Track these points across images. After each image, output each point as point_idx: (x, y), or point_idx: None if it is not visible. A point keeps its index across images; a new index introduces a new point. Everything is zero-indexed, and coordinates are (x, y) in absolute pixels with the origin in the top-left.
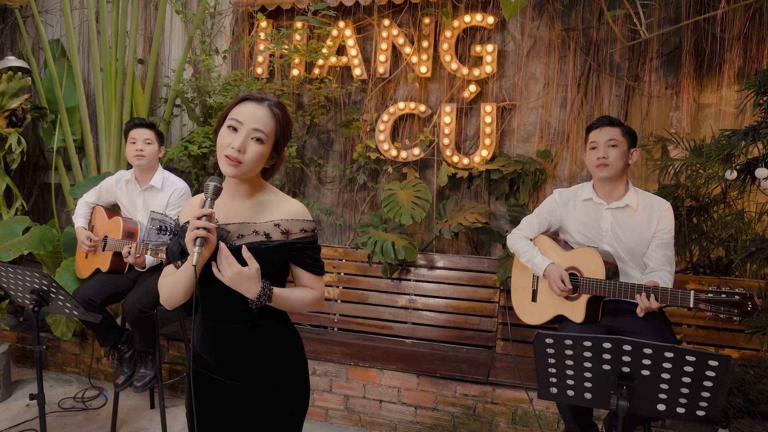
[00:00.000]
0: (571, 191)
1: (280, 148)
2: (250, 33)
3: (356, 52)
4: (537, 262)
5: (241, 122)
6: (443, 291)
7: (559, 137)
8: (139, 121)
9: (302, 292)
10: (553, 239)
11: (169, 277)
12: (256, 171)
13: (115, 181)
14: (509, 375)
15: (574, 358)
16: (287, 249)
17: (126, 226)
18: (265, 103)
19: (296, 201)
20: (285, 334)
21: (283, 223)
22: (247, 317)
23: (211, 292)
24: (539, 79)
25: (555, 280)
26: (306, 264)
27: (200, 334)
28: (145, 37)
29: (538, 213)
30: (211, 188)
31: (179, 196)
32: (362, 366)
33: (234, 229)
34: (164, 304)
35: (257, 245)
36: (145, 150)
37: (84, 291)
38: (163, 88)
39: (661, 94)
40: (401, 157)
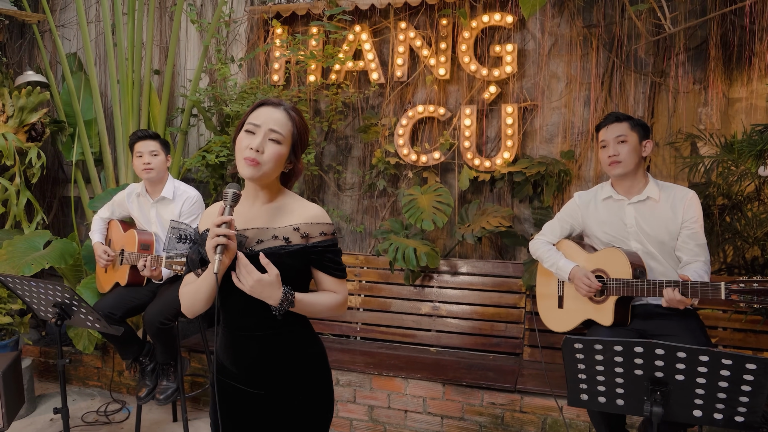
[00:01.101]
0: (590, 192)
1: (298, 153)
2: (266, 40)
3: (373, 56)
4: (561, 265)
5: (258, 125)
6: (467, 297)
7: (583, 137)
8: (143, 133)
9: (325, 296)
10: (577, 243)
11: (190, 286)
12: (275, 173)
13: (126, 195)
14: (538, 382)
15: (604, 363)
16: (307, 253)
17: (141, 238)
18: (281, 107)
19: (315, 205)
20: (308, 341)
21: (303, 227)
22: (270, 324)
23: (232, 299)
24: (561, 77)
25: (581, 279)
26: (327, 267)
27: (223, 342)
28: (161, 48)
29: (560, 217)
30: (230, 195)
31: (192, 204)
32: (386, 375)
33: (253, 235)
34: (185, 313)
35: (277, 250)
36: (152, 162)
37: (104, 304)
38: (180, 98)
39: (688, 90)
40: (421, 162)
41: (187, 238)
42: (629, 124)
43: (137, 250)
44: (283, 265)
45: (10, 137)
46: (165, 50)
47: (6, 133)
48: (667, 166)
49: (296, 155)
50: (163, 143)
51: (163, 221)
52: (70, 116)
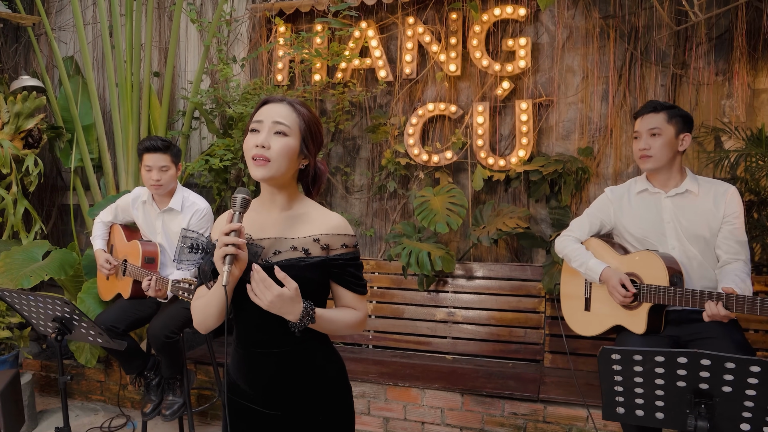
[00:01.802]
0: (623, 187)
1: (310, 146)
2: (268, 39)
3: (380, 53)
4: (591, 266)
5: (261, 121)
6: (484, 302)
7: (601, 133)
8: (151, 144)
9: (345, 312)
10: (606, 242)
11: (201, 300)
12: (288, 171)
13: (132, 200)
14: (561, 391)
15: (644, 374)
16: (328, 266)
17: (145, 251)
18: (284, 101)
19: (336, 214)
20: (328, 357)
21: (323, 238)
22: (287, 341)
23: (245, 314)
24: (577, 71)
25: (615, 285)
26: (347, 282)
27: (236, 360)
28: (160, 49)
29: (590, 213)
30: (238, 201)
31: (200, 217)
32: (402, 386)
33: (269, 245)
34: (198, 329)
35: (296, 262)
36: (162, 179)
37: (106, 318)
38: (181, 100)
39: (711, 81)
40: (433, 162)
41: (198, 248)
42: (667, 115)
43: (141, 264)
44: (302, 278)
45: (6, 144)
46: (164, 52)
47: (2, 140)
48: (689, 162)
49: (309, 149)
50: (175, 154)
51: (170, 232)
52: (68, 121)
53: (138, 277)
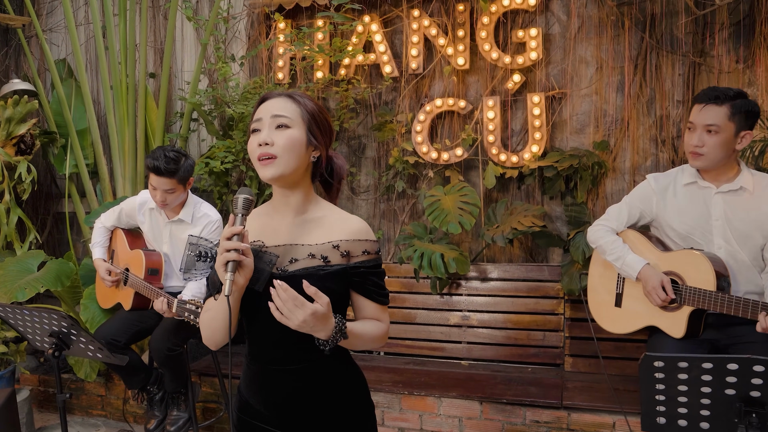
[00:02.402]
0: (668, 176)
1: (318, 136)
2: (268, 36)
3: (385, 48)
4: (629, 261)
5: (260, 119)
6: (500, 305)
7: (617, 125)
8: (155, 166)
9: (370, 325)
10: (644, 235)
11: (209, 313)
12: (297, 165)
13: (138, 205)
14: (586, 397)
15: (689, 382)
16: (348, 275)
17: (149, 261)
18: (282, 95)
19: (356, 217)
20: (348, 372)
21: (343, 244)
22: (305, 356)
23: (258, 327)
24: (590, 62)
25: (655, 287)
26: (370, 292)
27: (248, 377)
28: (156, 50)
29: (629, 201)
30: (240, 202)
31: (213, 230)
32: (417, 394)
33: (283, 252)
34: (207, 345)
35: (314, 271)
36: (167, 199)
37: (106, 330)
38: (178, 102)
39: (731, 69)
40: (443, 159)
41: (207, 257)
42: (730, 110)
43: (144, 276)
44: (322, 289)
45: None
46: (160, 52)
47: None
48: None
49: (317, 138)
50: (183, 176)
51: (178, 243)
52: (62, 126)
53: (140, 290)
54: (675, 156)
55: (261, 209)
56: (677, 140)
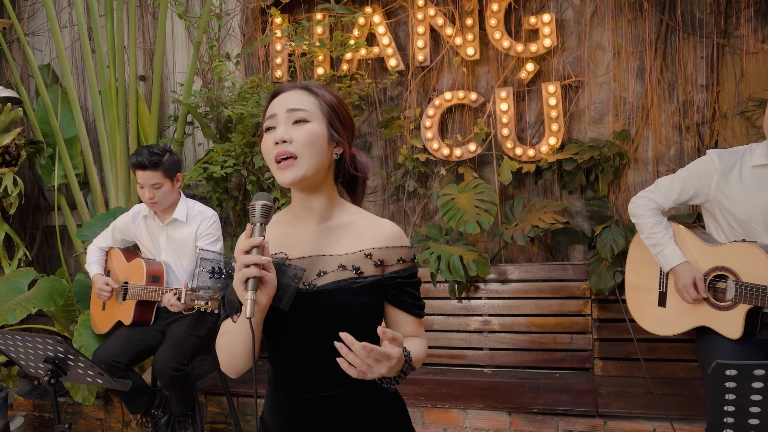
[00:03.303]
0: (734, 154)
1: (340, 129)
2: (264, 32)
3: (389, 41)
4: (667, 254)
5: (275, 114)
6: (522, 307)
7: (638, 113)
8: (138, 161)
9: (419, 345)
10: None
11: (227, 337)
12: (321, 164)
13: (132, 217)
14: (622, 403)
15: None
16: (383, 287)
17: (150, 269)
18: (296, 87)
19: (388, 221)
20: (388, 396)
21: (377, 252)
22: (340, 381)
23: (284, 351)
24: (607, 48)
25: (686, 285)
26: (407, 305)
27: (273, 407)
28: (145, 51)
29: (685, 176)
30: (258, 209)
31: (210, 225)
32: (441, 407)
33: (309, 264)
34: (226, 372)
35: (346, 284)
36: (156, 196)
37: (106, 351)
38: (172, 105)
39: (757, 50)
40: (455, 156)
41: (221, 272)
42: None
43: (146, 283)
44: (356, 304)
45: None
46: (150, 53)
47: None
48: (738, 139)
49: (339, 133)
50: (168, 168)
51: (176, 247)
52: (48, 135)
53: (143, 297)
54: (701, 143)
55: (280, 217)
56: (702, 127)
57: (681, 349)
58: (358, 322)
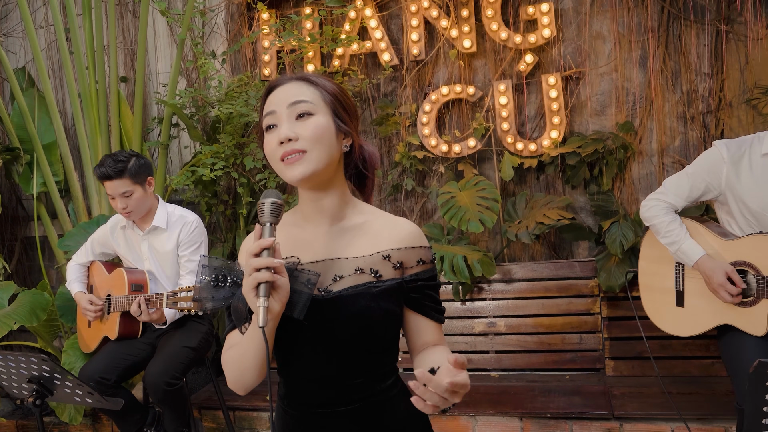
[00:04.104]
0: (742, 144)
1: (346, 119)
2: (251, 29)
3: (381, 34)
4: (686, 249)
5: (273, 111)
6: (529, 308)
7: (640, 104)
8: (101, 172)
9: (445, 353)
10: (700, 222)
11: (234, 350)
12: (331, 158)
13: (110, 229)
14: (638, 404)
15: None
16: (404, 290)
17: (132, 278)
18: (293, 79)
19: (405, 220)
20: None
21: (395, 254)
22: (359, 394)
23: (298, 365)
24: (607, 38)
25: (722, 283)
26: (428, 310)
27: (286, 425)
28: (126, 51)
29: (693, 172)
30: (267, 207)
31: (191, 231)
32: (448, 415)
33: (323, 269)
34: (233, 388)
35: (365, 289)
36: (129, 205)
37: (93, 368)
38: (155, 106)
39: (762, 36)
40: (454, 152)
41: (225, 280)
42: None
43: (128, 292)
44: (377, 310)
45: None
46: (131, 53)
47: None
48: (744, 128)
49: (345, 123)
50: (135, 173)
51: (159, 256)
52: (26, 141)
53: (125, 307)
54: (706, 133)
55: (287, 218)
56: (708, 116)
57: (694, 346)
58: (379, 330)
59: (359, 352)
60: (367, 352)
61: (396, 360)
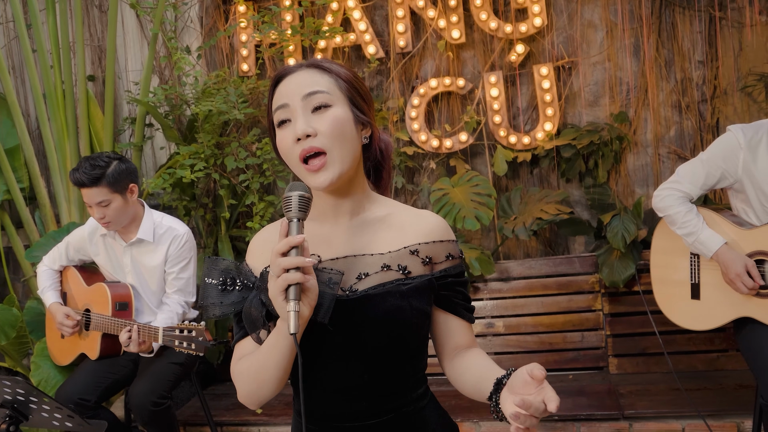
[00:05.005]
0: (759, 128)
1: (364, 108)
2: (227, 22)
3: (366, 26)
4: (704, 239)
5: (286, 104)
6: (527, 306)
7: (635, 93)
8: (76, 179)
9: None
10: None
11: (250, 360)
12: (353, 156)
13: (88, 234)
14: (647, 402)
15: None
16: (434, 288)
17: (116, 295)
18: (302, 66)
19: (430, 212)
20: (442, 420)
21: (423, 248)
22: (390, 404)
23: (320, 373)
24: (599, 26)
25: (739, 274)
26: (459, 308)
27: None
28: (93, 48)
29: (707, 159)
30: (295, 201)
31: (181, 246)
32: None
33: (346, 267)
34: (245, 402)
35: (394, 287)
36: (107, 215)
37: (72, 389)
38: (127, 105)
39: (755, 22)
40: (445, 147)
41: (234, 283)
42: None
43: (112, 312)
44: (410, 310)
45: None
46: (98, 50)
47: None
48: (740, 116)
49: (364, 112)
50: (114, 181)
51: (143, 270)
52: None
53: (110, 330)
54: (701, 122)
55: None
56: (702, 105)
57: (699, 340)
58: (411, 331)
59: (391, 357)
60: (399, 357)
61: (426, 366)
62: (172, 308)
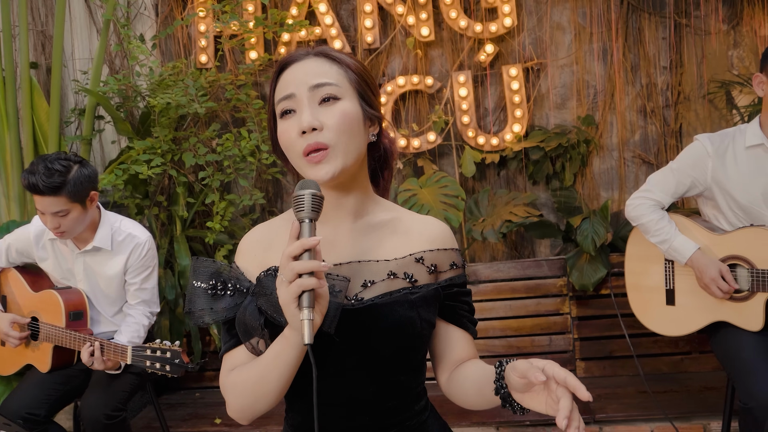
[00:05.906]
0: (725, 137)
1: (374, 103)
2: (185, 10)
3: (332, 20)
4: (678, 245)
5: (292, 94)
6: (495, 310)
7: (601, 97)
8: (31, 184)
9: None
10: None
11: (248, 372)
12: (358, 152)
13: (35, 237)
14: (617, 406)
15: None
16: (440, 298)
17: (69, 302)
18: (310, 54)
19: (433, 218)
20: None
21: (428, 256)
22: (395, 417)
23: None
24: (567, 28)
25: (713, 278)
26: (464, 320)
27: None
28: (36, 33)
29: (678, 168)
30: (307, 200)
31: (142, 255)
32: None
33: (351, 273)
34: (237, 417)
35: (401, 296)
36: (63, 225)
37: (19, 403)
38: (75, 96)
39: (718, 30)
40: (413, 147)
41: (225, 287)
42: None
43: (66, 323)
44: (419, 321)
45: None
46: (41, 35)
47: None
48: (701, 123)
49: (373, 107)
50: (75, 191)
51: (99, 279)
52: None
53: (65, 344)
54: (665, 127)
55: None
56: (666, 110)
57: (663, 343)
58: (420, 342)
59: (397, 369)
60: (404, 369)
61: (425, 378)
62: (137, 320)
